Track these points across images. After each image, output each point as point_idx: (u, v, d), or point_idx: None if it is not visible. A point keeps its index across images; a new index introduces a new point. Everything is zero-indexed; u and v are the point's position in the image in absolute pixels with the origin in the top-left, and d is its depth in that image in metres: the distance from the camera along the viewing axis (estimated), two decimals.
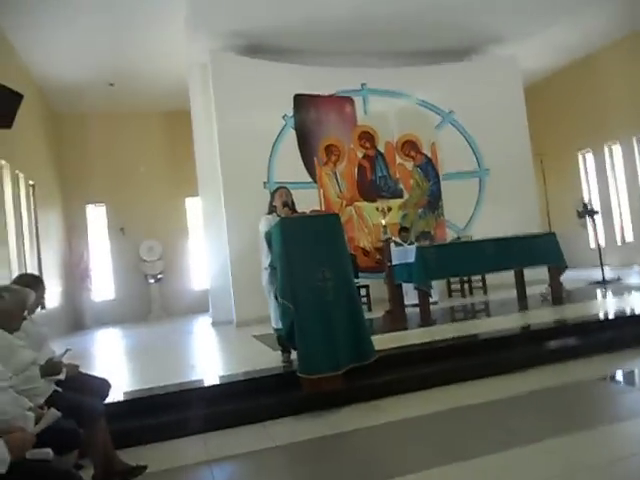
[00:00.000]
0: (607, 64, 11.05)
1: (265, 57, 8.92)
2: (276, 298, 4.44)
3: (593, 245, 10.91)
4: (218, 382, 4.31)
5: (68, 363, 3.03)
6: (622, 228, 11.31)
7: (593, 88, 11.43)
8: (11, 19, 7.78)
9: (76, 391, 2.96)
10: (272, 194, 4.85)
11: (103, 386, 3.34)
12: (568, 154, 12.17)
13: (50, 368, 2.82)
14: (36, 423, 2.16)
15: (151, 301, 12.17)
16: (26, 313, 2.87)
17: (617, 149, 11.17)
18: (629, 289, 7.46)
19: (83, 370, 3.33)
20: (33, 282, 3.23)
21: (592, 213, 8.90)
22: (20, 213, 8.37)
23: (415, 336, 5.49)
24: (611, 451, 2.77)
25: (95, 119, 11.93)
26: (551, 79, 12.52)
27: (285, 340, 4.32)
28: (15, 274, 7.63)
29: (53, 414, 2.21)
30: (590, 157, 11.91)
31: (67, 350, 3.15)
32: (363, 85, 9.55)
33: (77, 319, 11.40)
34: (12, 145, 7.74)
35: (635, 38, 10.26)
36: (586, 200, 9.67)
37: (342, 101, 9.50)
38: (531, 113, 10.49)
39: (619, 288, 7.62)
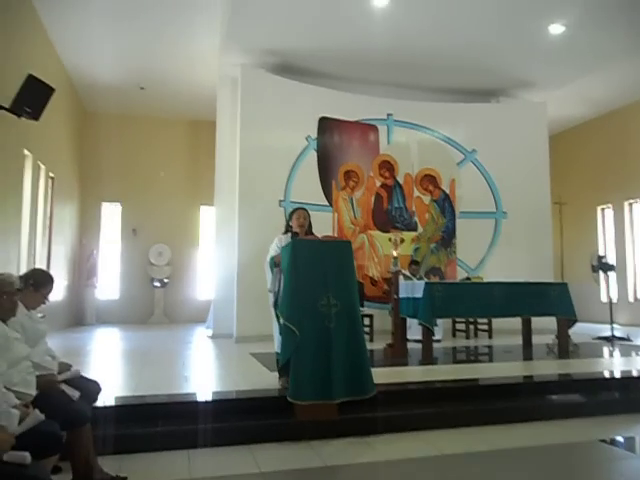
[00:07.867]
0: (633, 120, 11.01)
1: (295, 77, 9.00)
2: (278, 320, 4.37)
3: (604, 299, 10.75)
4: (210, 398, 4.23)
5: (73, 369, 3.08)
6: (635, 285, 11.14)
7: (618, 143, 11.39)
8: (53, 16, 7.98)
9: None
10: (290, 214, 4.79)
11: (93, 389, 3.28)
12: (588, 206, 12.08)
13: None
14: (19, 423, 2.11)
15: (154, 305, 12.16)
16: (20, 304, 2.83)
17: (638, 207, 11.06)
18: (637, 349, 7.29)
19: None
20: (42, 278, 3.17)
21: (607, 268, 8.78)
22: (37, 203, 8.44)
23: (415, 374, 5.40)
24: None
25: (122, 120, 12.10)
26: (577, 129, 12.51)
27: (282, 366, 4.16)
28: (24, 262, 7.67)
29: (36, 417, 2.16)
30: (610, 212, 11.81)
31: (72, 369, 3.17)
32: (389, 115, 9.58)
33: (79, 315, 11.40)
34: (37, 136, 7.84)
35: None
36: (601, 254, 9.54)
37: (367, 128, 9.52)
38: (554, 161, 10.44)
39: (627, 348, 7.45)
